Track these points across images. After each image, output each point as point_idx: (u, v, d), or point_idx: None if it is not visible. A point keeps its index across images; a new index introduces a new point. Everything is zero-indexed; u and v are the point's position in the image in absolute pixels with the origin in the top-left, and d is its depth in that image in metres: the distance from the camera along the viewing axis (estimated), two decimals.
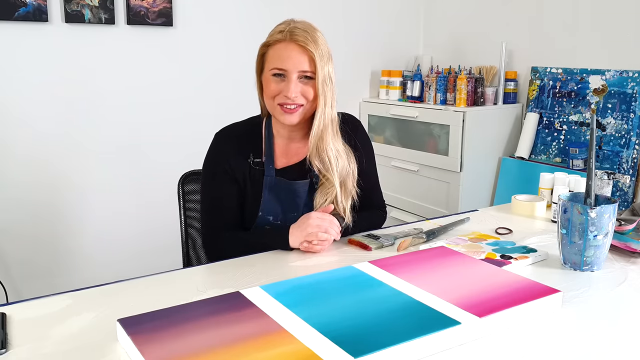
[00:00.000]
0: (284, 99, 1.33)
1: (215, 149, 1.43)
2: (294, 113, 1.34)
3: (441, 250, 1.23)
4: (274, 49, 1.34)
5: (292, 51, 1.31)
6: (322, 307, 0.95)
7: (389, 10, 3.27)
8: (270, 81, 1.34)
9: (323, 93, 1.33)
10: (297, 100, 1.33)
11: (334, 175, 1.37)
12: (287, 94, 1.32)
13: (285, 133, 1.43)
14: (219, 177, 1.41)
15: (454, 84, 2.80)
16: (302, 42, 1.31)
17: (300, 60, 1.31)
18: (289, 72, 1.32)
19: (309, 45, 1.31)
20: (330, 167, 1.37)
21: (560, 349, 0.89)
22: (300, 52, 1.31)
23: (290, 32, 1.32)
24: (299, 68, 1.32)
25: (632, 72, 2.42)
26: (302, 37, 1.31)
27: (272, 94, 1.34)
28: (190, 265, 1.65)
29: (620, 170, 2.45)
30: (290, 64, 1.31)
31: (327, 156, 1.36)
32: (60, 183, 2.47)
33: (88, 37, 2.42)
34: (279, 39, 1.33)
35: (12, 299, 2.35)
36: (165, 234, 2.53)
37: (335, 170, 1.37)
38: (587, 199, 1.22)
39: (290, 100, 1.32)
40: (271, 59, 1.34)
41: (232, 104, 2.76)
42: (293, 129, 1.41)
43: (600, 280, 1.17)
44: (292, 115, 1.35)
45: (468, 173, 2.73)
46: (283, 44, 1.32)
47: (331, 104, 1.36)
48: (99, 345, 0.89)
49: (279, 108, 1.35)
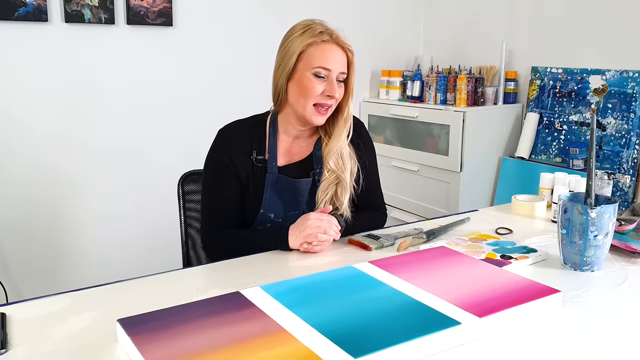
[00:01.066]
0: (325, 99, 1.36)
1: (218, 145, 1.43)
2: (325, 114, 1.39)
3: (441, 250, 1.23)
4: (318, 48, 1.36)
5: (337, 52, 1.37)
6: (322, 307, 0.95)
7: (389, 10, 3.27)
8: (311, 81, 1.36)
9: (353, 95, 1.41)
10: (333, 102, 1.38)
11: (345, 175, 1.41)
12: (331, 93, 1.35)
13: (295, 132, 1.44)
14: (220, 174, 1.41)
15: (454, 84, 2.80)
16: (344, 44, 1.38)
17: (342, 62, 1.38)
18: (332, 73, 1.36)
19: (349, 51, 1.39)
20: (344, 168, 1.41)
21: (560, 349, 0.89)
22: (343, 54, 1.38)
23: (334, 34, 1.37)
24: (340, 69, 1.37)
25: (632, 72, 2.42)
26: (343, 39, 1.38)
27: (313, 93, 1.36)
28: (190, 265, 1.65)
29: (621, 170, 2.45)
30: (334, 64, 1.36)
31: (341, 157, 1.41)
32: (60, 183, 2.47)
33: (88, 37, 2.42)
34: (325, 39, 1.36)
35: (12, 299, 2.35)
36: (165, 234, 2.53)
37: (347, 170, 1.42)
38: (587, 199, 1.22)
39: (329, 101, 1.37)
40: (315, 58, 1.36)
41: (232, 103, 2.76)
42: (305, 128, 1.43)
43: (600, 280, 1.17)
44: (324, 117, 1.39)
45: (468, 173, 2.73)
46: (328, 45, 1.36)
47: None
48: (99, 345, 0.89)
49: (313, 108, 1.37)
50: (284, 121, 1.44)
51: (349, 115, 1.43)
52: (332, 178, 1.41)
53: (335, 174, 1.41)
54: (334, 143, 1.41)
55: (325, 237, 1.29)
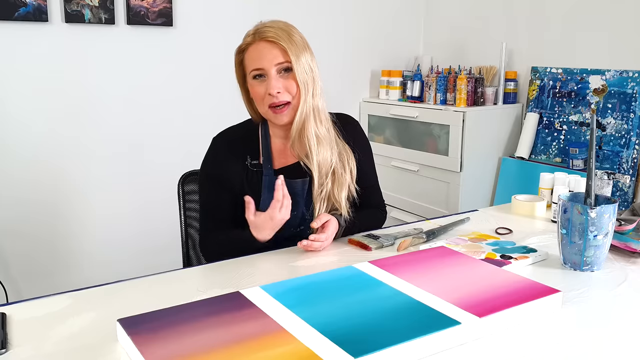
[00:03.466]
0: (271, 98, 1.33)
1: (211, 156, 1.44)
2: (283, 112, 1.35)
3: (441, 250, 1.23)
4: (248, 53, 1.36)
5: (264, 48, 1.33)
6: (322, 307, 0.95)
7: (389, 10, 3.27)
8: (254, 86, 1.35)
9: (304, 80, 1.34)
10: (283, 97, 1.33)
11: (312, 163, 1.37)
12: (270, 90, 1.32)
13: (282, 133, 1.43)
14: (212, 184, 1.43)
15: (454, 84, 2.80)
16: (272, 38, 1.32)
17: (273, 55, 1.32)
18: (267, 70, 1.33)
19: (280, 39, 1.32)
20: (311, 154, 1.37)
21: (560, 349, 0.89)
22: (272, 47, 1.33)
23: (258, 32, 1.34)
24: (274, 62, 1.33)
25: (632, 72, 2.42)
26: (270, 33, 1.33)
27: (259, 97, 1.35)
28: (190, 265, 1.65)
29: (620, 170, 2.45)
30: (265, 61, 1.32)
31: (307, 143, 1.36)
32: (59, 183, 2.47)
33: (88, 37, 2.42)
34: (250, 41, 1.35)
35: (12, 299, 2.35)
36: (165, 234, 2.53)
37: (314, 158, 1.37)
38: (587, 199, 1.22)
39: (276, 98, 1.33)
40: (248, 63, 1.36)
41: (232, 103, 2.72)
42: (288, 128, 1.41)
43: (600, 280, 1.17)
44: (283, 115, 1.35)
45: (468, 173, 2.73)
46: (254, 45, 1.35)
47: (313, 93, 1.36)
48: (99, 345, 0.89)
49: (270, 111, 1.36)
50: (271, 125, 1.44)
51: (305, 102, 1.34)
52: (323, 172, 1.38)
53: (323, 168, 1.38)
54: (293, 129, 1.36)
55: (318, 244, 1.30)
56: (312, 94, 1.36)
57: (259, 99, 1.36)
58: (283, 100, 1.34)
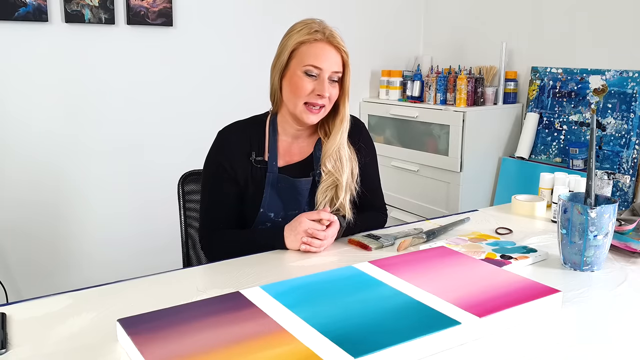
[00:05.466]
0: (315, 98, 1.35)
1: (217, 149, 1.43)
2: (318, 113, 1.38)
3: (441, 250, 1.23)
4: (311, 47, 1.36)
5: (330, 52, 1.36)
6: (322, 307, 0.95)
7: (389, 10, 3.27)
8: (302, 79, 1.35)
9: (349, 95, 1.40)
10: (324, 101, 1.36)
11: (342, 178, 1.40)
12: (321, 92, 1.34)
13: (293, 132, 1.44)
14: (219, 178, 1.41)
15: (454, 84, 2.80)
16: (338, 44, 1.37)
17: (335, 62, 1.37)
18: (323, 72, 1.35)
19: (343, 50, 1.38)
20: (342, 170, 1.40)
21: (560, 349, 0.89)
22: (336, 53, 1.37)
23: (327, 33, 1.36)
24: (333, 69, 1.36)
25: (632, 72, 2.42)
26: (338, 39, 1.37)
27: (303, 91, 1.35)
28: (190, 265, 1.65)
29: (620, 170, 2.45)
30: (327, 63, 1.35)
31: (339, 159, 1.40)
32: (60, 183, 2.47)
33: (88, 37, 2.42)
34: (318, 38, 1.36)
35: (12, 299, 2.35)
36: (165, 234, 2.53)
37: (345, 173, 1.40)
38: (587, 199, 1.22)
39: (321, 101, 1.35)
40: (306, 56, 1.35)
41: (232, 103, 2.76)
42: (302, 128, 1.42)
43: (600, 280, 1.17)
44: (316, 116, 1.38)
45: (468, 173, 2.73)
46: (321, 44, 1.36)
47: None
48: (99, 345, 0.89)
49: (304, 107, 1.36)
50: (282, 121, 1.44)
51: (345, 116, 1.42)
52: (330, 181, 1.41)
53: (332, 176, 1.40)
54: (330, 144, 1.41)
55: (319, 243, 1.30)
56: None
57: (301, 92, 1.35)
58: (323, 103, 1.37)
